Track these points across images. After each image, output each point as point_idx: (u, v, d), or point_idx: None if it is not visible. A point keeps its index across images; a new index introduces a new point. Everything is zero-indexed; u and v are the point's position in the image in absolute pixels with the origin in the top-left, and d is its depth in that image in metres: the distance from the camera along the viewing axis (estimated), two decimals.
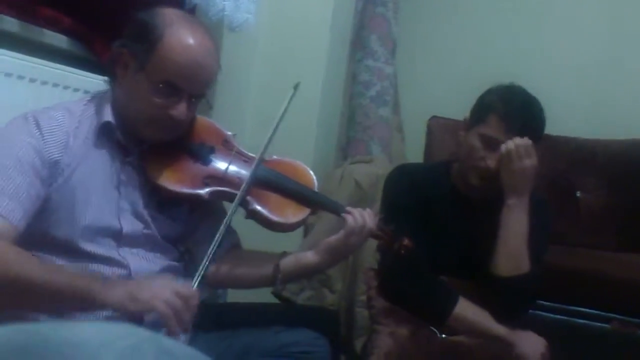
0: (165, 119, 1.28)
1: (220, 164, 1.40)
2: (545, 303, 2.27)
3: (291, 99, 1.45)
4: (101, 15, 1.87)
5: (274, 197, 1.40)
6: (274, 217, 1.38)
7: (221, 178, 1.37)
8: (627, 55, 3.06)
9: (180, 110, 1.28)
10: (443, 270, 1.66)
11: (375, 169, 2.65)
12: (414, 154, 3.04)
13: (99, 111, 1.32)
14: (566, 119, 2.73)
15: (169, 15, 1.29)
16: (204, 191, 1.34)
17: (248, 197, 1.36)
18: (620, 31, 3.08)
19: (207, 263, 1.23)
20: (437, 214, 1.67)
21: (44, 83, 1.64)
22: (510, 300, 1.58)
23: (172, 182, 1.32)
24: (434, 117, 2.96)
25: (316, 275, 2.31)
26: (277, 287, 1.40)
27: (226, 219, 1.30)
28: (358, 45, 3.09)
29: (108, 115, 1.30)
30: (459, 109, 3.01)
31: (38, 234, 1.23)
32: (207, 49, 1.30)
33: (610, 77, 3.08)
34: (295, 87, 1.46)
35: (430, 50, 3.37)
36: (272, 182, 1.41)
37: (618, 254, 2.61)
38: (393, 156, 3.04)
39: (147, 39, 1.25)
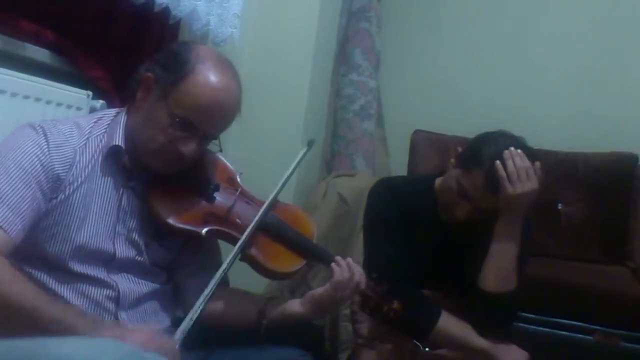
0: (172, 152, 1.27)
1: (223, 204, 1.37)
2: (528, 315, 2.28)
3: (304, 155, 1.47)
4: (84, 29, 1.86)
5: (272, 244, 1.37)
6: (269, 265, 1.35)
7: (222, 218, 1.35)
8: (608, 69, 3.10)
9: (190, 147, 1.27)
10: (425, 284, 1.67)
11: (359, 183, 2.66)
12: (398, 167, 3.05)
13: (110, 132, 1.30)
14: (547, 132, 2.76)
15: (203, 52, 1.29)
16: (203, 230, 1.31)
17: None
18: (600, 45, 3.12)
19: (193, 319, 1.21)
20: (419, 227, 1.67)
21: (26, 97, 1.63)
22: (497, 315, 1.59)
23: (172, 215, 1.30)
24: (417, 131, 2.98)
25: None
26: (260, 336, 1.35)
27: (223, 267, 1.28)
28: (342, 59, 3.12)
29: (119, 139, 1.29)
30: (443, 122, 3.06)
31: (29, 248, 1.21)
32: (231, 93, 1.28)
33: (591, 91, 3.11)
34: (310, 143, 1.47)
35: (414, 65, 3.39)
36: (273, 228, 1.39)
37: (600, 266, 2.63)
38: (377, 170, 3.05)
39: (176, 70, 1.25)
